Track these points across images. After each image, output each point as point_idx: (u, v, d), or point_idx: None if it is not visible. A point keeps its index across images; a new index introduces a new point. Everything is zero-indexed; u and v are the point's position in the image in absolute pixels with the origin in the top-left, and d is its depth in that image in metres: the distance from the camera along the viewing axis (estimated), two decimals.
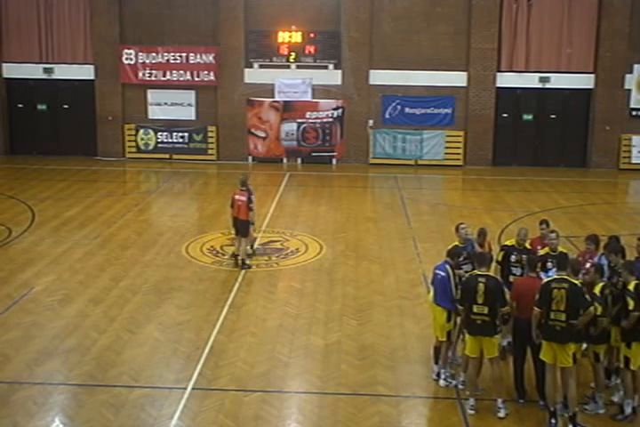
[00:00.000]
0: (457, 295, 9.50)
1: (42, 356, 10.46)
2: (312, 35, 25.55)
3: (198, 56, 25.78)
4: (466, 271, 9.95)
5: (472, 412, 9.12)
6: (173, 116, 26.45)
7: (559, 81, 25.61)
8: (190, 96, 26.34)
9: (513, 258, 10.57)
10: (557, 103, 26.03)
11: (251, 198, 14.39)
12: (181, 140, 26.49)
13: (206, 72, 25.87)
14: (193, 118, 26.56)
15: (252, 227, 14.78)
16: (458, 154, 26.11)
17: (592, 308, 8.64)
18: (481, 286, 9.00)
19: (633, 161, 25.81)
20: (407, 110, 26.03)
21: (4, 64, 26.68)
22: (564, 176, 24.74)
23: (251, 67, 25.96)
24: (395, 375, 10.07)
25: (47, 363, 10.26)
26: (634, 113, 25.68)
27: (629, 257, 10.31)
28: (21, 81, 26.72)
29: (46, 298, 12.71)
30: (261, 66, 25.94)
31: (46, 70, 26.52)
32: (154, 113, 26.57)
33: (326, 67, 25.80)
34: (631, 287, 8.88)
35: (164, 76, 26.00)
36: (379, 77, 25.82)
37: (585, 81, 25.64)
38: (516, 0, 25.28)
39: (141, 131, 26.54)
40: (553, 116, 26.17)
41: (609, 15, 24.96)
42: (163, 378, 9.91)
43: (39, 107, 27.02)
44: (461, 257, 10.21)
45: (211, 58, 25.74)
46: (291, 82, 25.80)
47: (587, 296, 8.73)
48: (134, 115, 26.59)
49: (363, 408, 9.19)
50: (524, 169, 25.63)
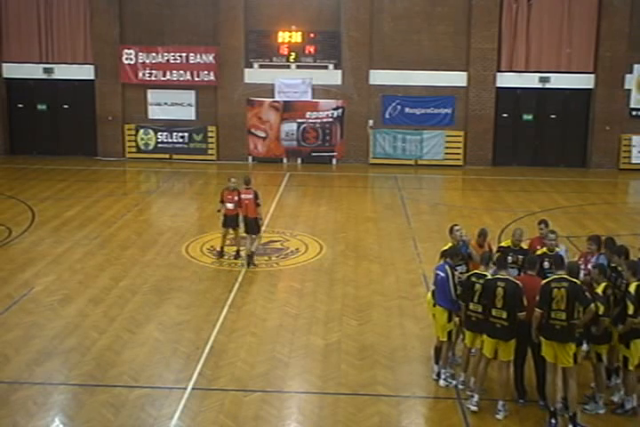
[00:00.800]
0: (456, 294, 9.50)
1: (42, 356, 10.46)
2: (312, 35, 25.56)
3: (198, 56, 25.78)
4: (461, 273, 9.95)
5: (475, 408, 9.12)
6: (173, 116, 26.45)
7: (559, 81, 25.62)
8: (190, 96, 26.35)
9: (510, 259, 10.52)
10: (557, 103, 26.03)
11: (257, 195, 14.58)
12: (181, 140, 26.50)
13: (206, 72, 25.88)
14: (193, 118, 26.56)
15: (261, 222, 14.95)
16: (458, 154, 26.11)
17: (592, 305, 8.64)
18: (500, 291, 8.94)
19: (633, 161, 25.81)
20: (407, 110, 26.04)
21: (4, 64, 26.69)
22: (564, 176, 24.74)
23: (251, 67, 25.96)
24: (395, 375, 10.07)
25: (47, 363, 10.26)
26: (634, 113, 25.68)
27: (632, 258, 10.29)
28: (21, 81, 26.73)
29: (46, 298, 12.72)
30: (261, 66, 25.95)
31: (46, 70, 26.52)
32: (154, 113, 26.57)
33: (326, 67, 25.80)
34: (632, 289, 8.86)
35: (164, 76, 26.00)
36: (379, 77, 25.83)
37: (585, 81, 25.64)
38: (516, 0, 25.29)
39: (141, 131, 26.55)
40: (553, 116, 26.17)
41: (609, 15, 24.97)
42: (163, 378, 9.91)
43: (39, 107, 27.02)
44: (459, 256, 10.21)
45: (211, 58, 25.75)
46: (291, 82, 25.81)
47: (587, 294, 8.74)
48: (134, 115, 26.59)
49: (363, 408, 9.19)
50: (524, 169, 25.63)
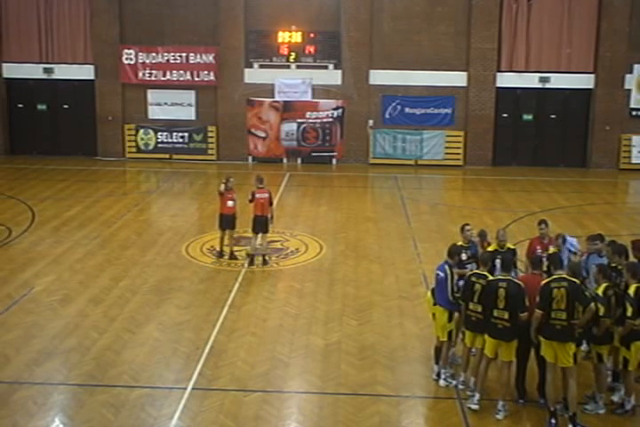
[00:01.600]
0: (455, 293, 9.52)
1: (42, 356, 10.46)
2: (312, 35, 25.56)
3: (198, 56, 25.78)
4: (470, 270, 9.93)
5: (476, 407, 9.13)
6: (173, 116, 26.45)
7: (559, 81, 25.62)
8: (190, 96, 26.35)
9: (497, 262, 10.37)
10: (557, 103, 26.03)
11: (271, 195, 14.81)
12: (181, 140, 26.50)
13: (206, 72, 25.88)
14: (193, 118, 26.57)
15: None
16: (458, 154, 26.11)
17: (592, 304, 8.64)
18: (502, 291, 8.95)
19: (633, 161, 25.82)
20: (407, 110, 26.04)
21: (4, 64, 26.69)
22: (564, 176, 24.74)
23: (251, 67, 25.96)
24: (395, 375, 10.07)
25: (47, 363, 10.26)
26: (634, 113, 25.68)
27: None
28: (21, 81, 26.73)
29: (46, 298, 12.72)
30: (261, 66, 25.95)
31: (46, 70, 26.52)
32: (154, 113, 26.57)
33: (326, 67, 25.80)
34: (631, 291, 8.87)
35: (164, 76, 26.00)
36: (379, 77, 25.83)
37: (585, 81, 25.64)
38: (516, 0, 25.29)
39: (141, 131, 26.55)
40: (553, 116, 26.17)
41: (609, 15, 24.97)
42: (163, 378, 9.91)
43: (39, 107, 27.03)
44: (464, 256, 10.19)
45: (211, 58, 25.74)
46: (291, 82, 25.81)
47: (587, 294, 8.74)
48: (134, 115, 26.59)
49: (363, 408, 9.19)
50: (524, 169, 25.63)
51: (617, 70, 25.22)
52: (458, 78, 25.70)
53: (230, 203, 14.71)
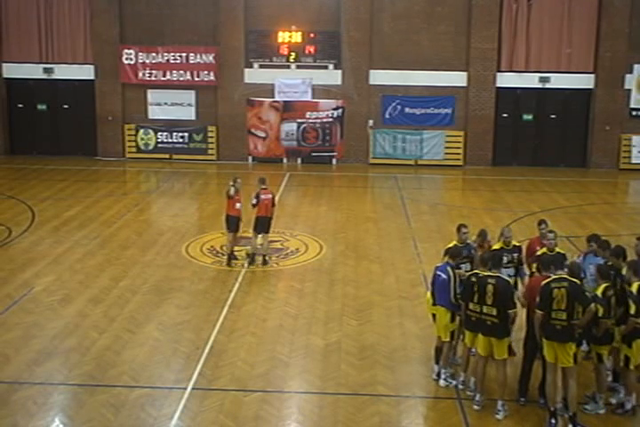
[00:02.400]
0: (457, 293, 9.52)
1: (42, 356, 10.46)
2: (312, 35, 25.56)
3: (198, 56, 25.79)
4: (465, 271, 9.95)
5: (478, 408, 9.13)
6: (173, 116, 26.46)
7: (559, 81, 25.62)
8: (190, 96, 26.35)
9: (505, 259, 10.47)
10: (557, 103, 26.04)
11: (274, 195, 14.86)
12: (181, 140, 26.50)
13: (206, 72, 25.88)
14: (193, 118, 26.57)
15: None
16: (458, 154, 26.11)
17: (593, 305, 8.64)
18: (490, 288, 8.99)
19: (633, 161, 25.82)
20: (407, 110, 26.05)
21: (4, 64, 26.69)
22: (564, 176, 24.74)
23: (251, 67, 25.96)
24: (395, 375, 10.07)
25: (47, 363, 10.26)
26: (634, 113, 25.69)
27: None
28: (21, 81, 26.74)
29: (46, 298, 12.71)
30: (261, 66, 25.95)
31: (46, 70, 26.52)
32: (154, 113, 26.58)
33: (326, 67, 25.80)
34: (634, 289, 8.88)
35: (164, 76, 26.00)
36: (379, 77, 25.83)
37: (585, 81, 25.65)
38: (516, 0, 25.29)
39: (141, 131, 26.55)
40: (553, 116, 26.17)
41: (609, 15, 24.97)
42: (163, 378, 9.91)
43: (39, 107, 27.03)
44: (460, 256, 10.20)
45: (211, 58, 25.75)
46: (291, 82, 25.81)
47: (587, 294, 8.74)
48: (134, 115, 26.60)
49: (363, 408, 9.19)
50: (524, 169, 25.64)
51: (617, 70, 25.22)
52: (458, 78, 25.70)
53: (238, 205, 14.67)
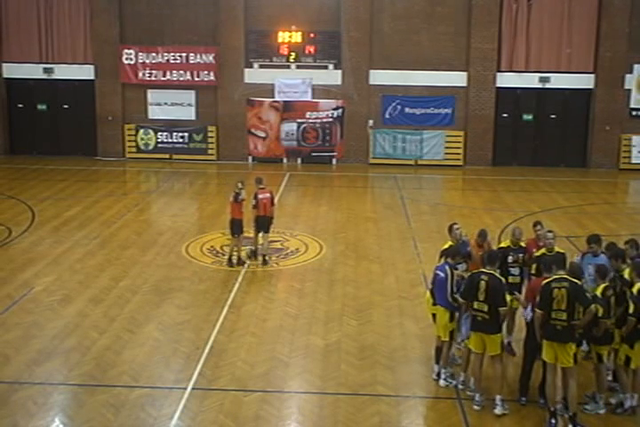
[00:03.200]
0: (454, 294, 9.53)
1: (42, 356, 10.46)
2: (312, 35, 25.56)
3: (198, 56, 25.79)
4: (462, 271, 9.96)
5: (478, 408, 9.14)
6: (173, 116, 26.46)
7: (559, 81, 25.62)
8: (190, 96, 26.35)
9: (510, 258, 10.56)
10: (557, 103, 26.03)
11: (273, 194, 14.74)
12: (181, 140, 26.50)
13: (206, 72, 25.88)
14: (193, 118, 26.57)
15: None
16: (458, 154, 26.11)
17: (593, 306, 8.64)
18: (482, 284, 9.07)
19: (633, 161, 25.82)
20: (407, 110, 26.04)
21: (4, 64, 26.69)
22: (564, 176, 24.74)
23: (251, 67, 25.96)
24: (395, 375, 10.07)
25: (47, 363, 10.26)
26: (634, 113, 25.68)
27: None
28: (21, 81, 26.74)
29: (46, 298, 12.71)
30: (261, 66, 25.95)
31: (46, 70, 26.52)
32: (154, 113, 26.58)
33: (326, 67, 25.80)
34: (635, 290, 8.88)
35: (164, 76, 26.00)
36: (379, 77, 25.83)
37: (585, 81, 25.64)
38: (516, 0, 25.29)
39: (141, 131, 26.55)
40: (553, 116, 26.17)
41: (609, 15, 24.96)
42: (163, 378, 9.91)
43: (39, 107, 27.03)
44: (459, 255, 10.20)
45: (211, 58, 25.75)
46: (291, 82, 25.81)
47: (587, 295, 8.74)
48: (134, 115, 26.60)
49: (363, 408, 9.19)
50: (524, 169, 25.63)
51: (617, 70, 25.22)
52: (458, 78, 25.70)
53: (242, 208, 14.68)
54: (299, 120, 26.08)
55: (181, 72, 25.92)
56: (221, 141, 26.44)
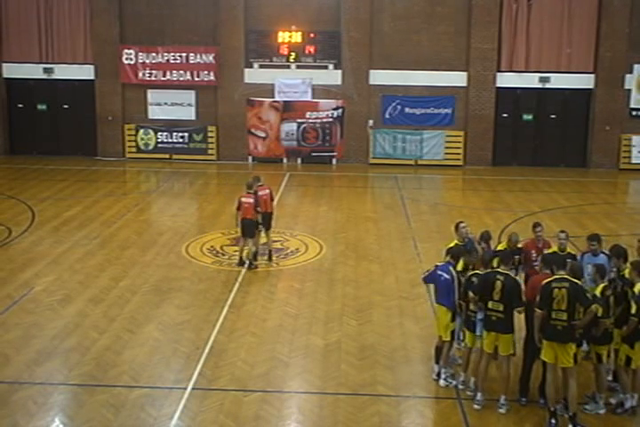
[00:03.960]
0: (460, 296, 9.54)
1: (42, 356, 10.46)
2: (312, 35, 25.56)
3: (198, 56, 25.78)
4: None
5: (478, 407, 9.14)
6: (173, 116, 26.46)
7: (559, 81, 25.62)
8: (190, 96, 26.35)
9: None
10: (557, 103, 26.03)
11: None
12: (181, 140, 26.50)
13: (206, 72, 25.88)
14: (193, 118, 26.57)
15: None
16: (458, 154, 26.11)
17: (594, 306, 8.64)
18: (498, 284, 9.06)
19: (633, 161, 25.82)
20: (407, 110, 26.05)
21: (4, 64, 26.69)
22: (564, 176, 24.74)
23: (251, 67, 25.96)
24: (395, 375, 10.07)
25: (47, 363, 10.26)
26: (634, 113, 25.68)
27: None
28: (21, 81, 26.74)
29: (46, 298, 12.71)
30: (261, 66, 25.95)
31: (46, 70, 26.52)
32: (154, 113, 26.58)
33: (326, 67, 25.80)
34: (637, 290, 8.88)
35: (164, 76, 26.00)
36: (379, 77, 25.83)
37: (585, 81, 25.64)
38: (516, 0, 25.29)
39: (141, 131, 26.55)
40: (553, 116, 26.17)
41: (609, 15, 24.97)
42: (163, 378, 9.90)
43: (39, 107, 27.03)
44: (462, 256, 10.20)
45: (211, 58, 25.75)
46: (291, 82, 25.80)
47: (588, 295, 8.74)
48: (134, 115, 26.60)
49: (363, 408, 9.19)
50: (524, 169, 25.63)
51: (617, 70, 25.22)
52: (458, 78, 25.70)
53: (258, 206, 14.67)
54: (299, 120, 26.07)
55: (181, 72, 25.92)
56: (221, 141, 26.44)
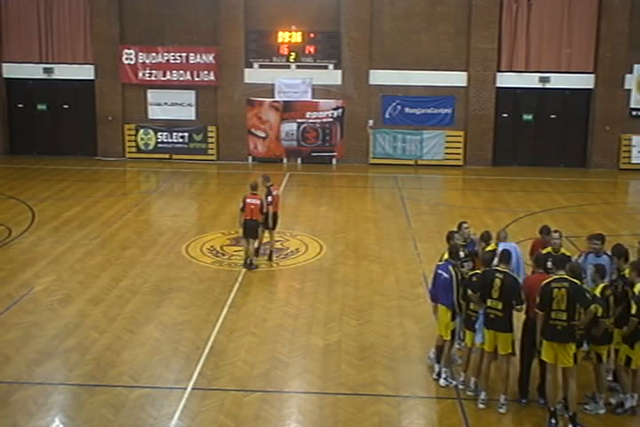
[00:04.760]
0: (458, 295, 9.53)
1: (42, 356, 10.46)
2: (312, 35, 25.55)
3: (198, 56, 25.78)
4: (468, 269, 9.95)
5: (483, 406, 9.15)
6: (173, 116, 26.45)
7: (559, 81, 25.61)
8: (190, 96, 26.35)
9: (496, 261, 10.43)
10: (557, 103, 26.03)
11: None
12: (181, 140, 26.50)
13: (206, 72, 25.88)
14: (193, 118, 26.56)
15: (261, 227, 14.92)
16: (458, 154, 26.11)
17: (593, 306, 8.64)
18: (497, 282, 9.06)
19: (633, 161, 25.82)
20: (407, 110, 26.04)
21: (4, 64, 26.68)
22: (564, 176, 24.74)
23: (251, 67, 25.96)
24: (395, 375, 10.07)
25: (47, 363, 10.26)
26: (634, 113, 25.68)
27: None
28: (21, 81, 26.73)
29: (46, 298, 12.71)
30: (261, 66, 25.95)
31: (46, 70, 26.52)
32: (154, 113, 26.57)
33: (326, 67, 25.80)
34: (637, 290, 8.88)
35: (164, 76, 26.00)
36: (379, 77, 25.83)
37: (585, 81, 25.64)
38: (516, 0, 25.29)
39: (141, 131, 26.55)
40: (553, 116, 26.17)
41: (609, 15, 24.97)
42: (163, 378, 9.90)
43: (39, 107, 27.03)
44: (461, 254, 10.17)
45: (211, 58, 25.75)
46: (291, 82, 25.81)
47: (587, 295, 8.74)
48: (134, 115, 26.59)
49: (363, 408, 9.19)
50: (524, 169, 25.63)
51: (617, 70, 25.22)
52: (458, 78, 25.70)
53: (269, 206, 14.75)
54: (299, 120, 26.07)
55: (181, 72, 25.92)
56: (221, 141, 26.44)
